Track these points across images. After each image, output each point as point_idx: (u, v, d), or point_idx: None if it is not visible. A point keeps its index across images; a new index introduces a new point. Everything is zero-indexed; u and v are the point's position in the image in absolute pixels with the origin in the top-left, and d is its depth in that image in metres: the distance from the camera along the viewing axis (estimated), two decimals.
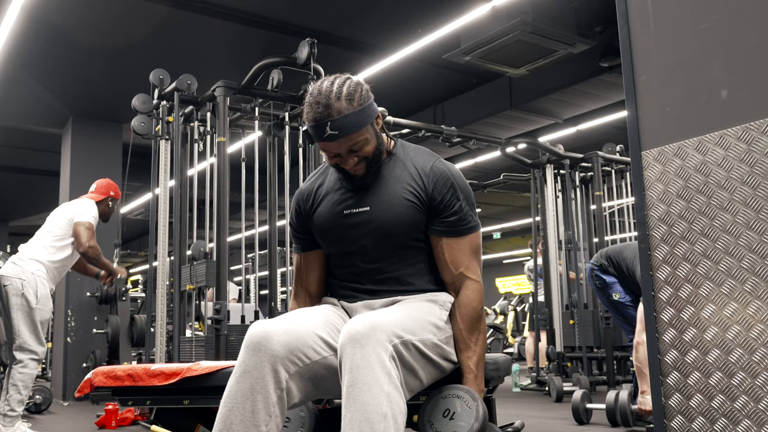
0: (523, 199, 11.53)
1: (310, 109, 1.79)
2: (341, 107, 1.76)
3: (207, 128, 4.78)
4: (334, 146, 1.80)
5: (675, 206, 1.68)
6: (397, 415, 1.53)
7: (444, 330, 1.79)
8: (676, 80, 1.70)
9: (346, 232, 1.89)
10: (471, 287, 1.85)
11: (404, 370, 1.63)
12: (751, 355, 1.54)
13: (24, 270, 4.24)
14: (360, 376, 1.52)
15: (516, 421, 2.17)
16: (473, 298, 1.85)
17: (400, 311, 1.73)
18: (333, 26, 6.23)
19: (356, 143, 1.80)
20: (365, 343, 1.55)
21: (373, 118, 1.84)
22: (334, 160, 1.86)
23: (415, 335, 1.67)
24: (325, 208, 1.94)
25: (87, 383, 2.15)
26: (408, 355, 1.64)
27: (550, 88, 7.44)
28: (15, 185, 10.88)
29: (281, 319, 1.75)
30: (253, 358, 1.63)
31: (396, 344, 1.60)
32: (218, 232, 4.48)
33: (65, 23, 5.86)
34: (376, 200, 1.88)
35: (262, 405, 1.60)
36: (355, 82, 1.83)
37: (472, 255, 1.88)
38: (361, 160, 1.83)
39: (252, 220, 5.99)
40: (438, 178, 1.87)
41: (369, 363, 1.53)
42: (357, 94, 1.80)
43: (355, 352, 1.55)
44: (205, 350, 4.38)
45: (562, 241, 6.81)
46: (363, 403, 1.50)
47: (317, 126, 1.77)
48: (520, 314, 13.73)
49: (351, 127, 1.77)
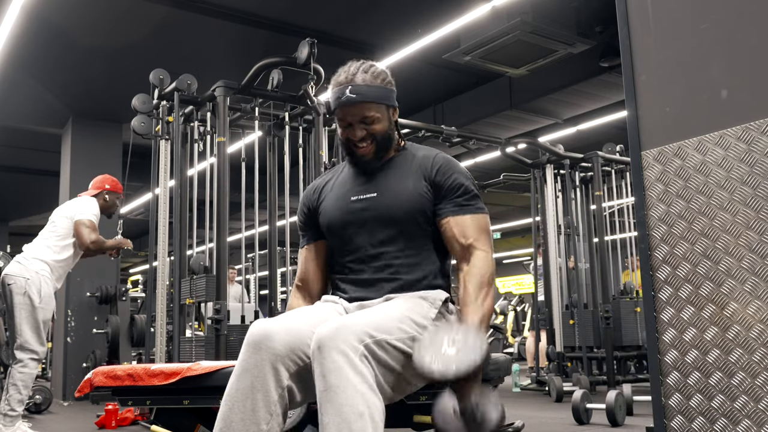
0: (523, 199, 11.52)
1: (336, 77, 1.90)
2: (365, 78, 1.87)
3: (207, 128, 4.78)
4: (349, 112, 1.86)
5: (675, 206, 1.68)
6: (374, 413, 1.52)
7: (427, 326, 1.75)
8: (676, 80, 1.70)
9: (351, 216, 1.91)
10: (480, 256, 1.82)
11: (383, 369, 1.61)
12: (751, 355, 1.54)
13: (28, 269, 4.24)
14: (332, 380, 1.52)
15: (516, 421, 2.17)
16: (481, 265, 1.81)
17: (375, 312, 1.72)
18: (333, 26, 6.23)
19: (369, 116, 1.87)
20: (332, 346, 1.54)
21: (390, 102, 1.92)
22: (345, 133, 1.91)
23: (391, 334, 1.65)
24: (333, 196, 1.98)
25: (87, 383, 2.15)
26: (384, 354, 1.62)
27: (550, 88, 7.44)
28: (15, 185, 10.87)
29: (282, 317, 1.75)
30: (254, 356, 1.63)
31: (368, 344, 1.58)
32: (218, 233, 4.48)
33: (65, 23, 5.86)
34: (384, 187, 1.92)
35: (263, 403, 1.60)
36: (383, 69, 1.94)
37: (482, 231, 1.87)
38: (370, 137, 1.89)
39: (252, 220, 5.99)
40: (442, 164, 1.92)
41: (338, 366, 1.53)
42: (381, 76, 1.91)
43: (324, 356, 1.54)
44: (205, 350, 4.38)
45: (561, 225, 6.82)
46: (338, 404, 1.50)
47: (338, 89, 1.87)
48: (520, 314, 13.74)
49: (369, 96, 1.85)
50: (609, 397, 4.30)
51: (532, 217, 7.17)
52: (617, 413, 4.27)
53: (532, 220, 7.17)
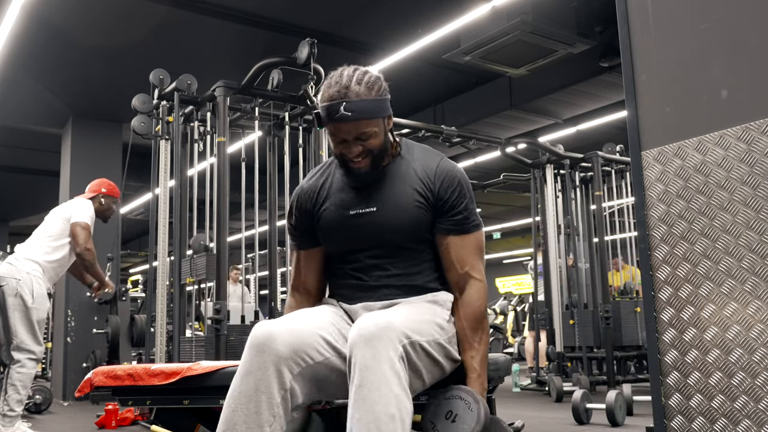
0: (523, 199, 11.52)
1: (328, 88, 1.78)
2: (360, 91, 1.75)
3: (207, 128, 4.78)
4: (344, 129, 1.77)
5: (675, 206, 1.68)
6: (405, 417, 1.53)
7: (447, 330, 1.79)
8: (676, 80, 1.70)
9: (352, 232, 1.88)
10: (475, 287, 1.85)
11: (410, 371, 1.62)
12: (751, 355, 1.54)
13: (20, 270, 4.23)
14: (370, 376, 1.52)
15: (516, 421, 2.17)
16: (477, 297, 1.84)
17: (408, 311, 1.72)
18: (333, 26, 6.23)
19: (365, 132, 1.78)
20: (376, 343, 1.54)
21: (386, 114, 1.83)
22: (339, 148, 1.82)
23: (422, 336, 1.66)
24: (331, 208, 1.90)
25: (87, 383, 2.15)
26: (415, 356, 1.63)
27: (550, 88, 7.44)
28: (15, 185, 10.88)
29: (285, 319, 1.74)
30: (257, 358, 1.63)
31: (405, 345, 1.59)
32: (218, 232, 4.48)
33: (65, 23, 5.86)
34: (383, 201, 1.86)
35: (266, 405, 1.60)
36: (377, 76, 1.83)
37: (477, 254, 1.87)
38: (366, 152, 1.80)
39: (252, 220, 5.99)
40: (445, 178, 1.86)
41: (379, 363, 1.52)
42: (377, 86, 1.79)
43: (366, 351, 1.54)
44: (205, 350, 4.38)
45: (561, 225, 6.82)
46: (372, 402, 1.50)
47: (332, 105, 1.75)
48: (520, 314, 13.74)
49: (365, 113, 1.75)
50: (609, 397, 4.30)
51: (532, 217, 7.17)
52: (617, 413, 4.27)
53: (532, 220, 7.18)
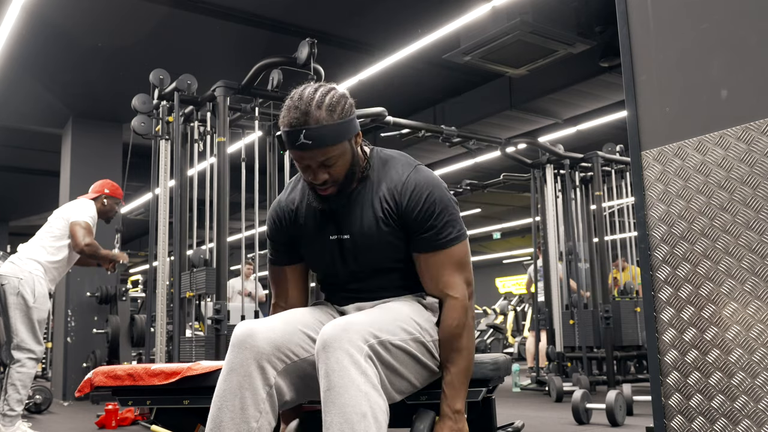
0: (523, 199, 11.53)
1: (287, 113, 1.68)
2: (320, 117, 1.65)
3: (207, 128, 4.79)
4: (305, 157, 1.69)
5: (675, 206, 1.68)
6: (378, 413, 1.52)
7: (429, 332, 1.76)
8: (676, 80, 1.70)
9: (336, 255, 1.86)
10: (450, 305, 1.77)
11: (386, 370, 1.62)
12: (751, 355, 1.54)
13: (21, 269, 4.24)
14: (335, 379, 1.52)
15: (516, 421, 2.17)
16: (450, 317, 1.77)
17: (379, 312, 1.72)
18: (333, 26, 6.23)
19: (329, 158, 1.69)
20: (337, 347, 1.54)
21: (352, 135, 1.72)
22: (304, 174, 1.76)
23: (394, 335, 1.65)
24: (310, 230, 1.87)
25: (87, 383, 2.15)
26: (388, 355, 1.62)
27: (550, 88, 7.45)
28: (15, 185, 10.88)
29: (268, 318, 1.76)
30: (239, 355, 1.64)
31: (372, 344, 1.59)
32: (218, 233, 4.48)
33: (65, 23, 5.86)
34: (354, 229, 1.81)
35: (251, 401, 1.61)
36: (340, 94, 1.72)
37: (454, 269, 1.78)
38: (332, 181, 1.73)
39: (252, 220, 5.99)
40: (411, 195, 1.76)
41: (343, 365, 1.53)
42: (339, 107, 1.69)
43: (329, 356, 1.54)
44: (205, 350, 4.38)
45: (563, 252, 6.80)
46: (341, 404, 1.50)
47: (291, 132, 1.66)
48: (520, 314, 13.74)
49: (326, 140, 1.66)
50: (609, 397, 4.30)
51: (532, 217, 7.17)
52: (617, 413, 4.28)
53: (532, 220, 7.18)
